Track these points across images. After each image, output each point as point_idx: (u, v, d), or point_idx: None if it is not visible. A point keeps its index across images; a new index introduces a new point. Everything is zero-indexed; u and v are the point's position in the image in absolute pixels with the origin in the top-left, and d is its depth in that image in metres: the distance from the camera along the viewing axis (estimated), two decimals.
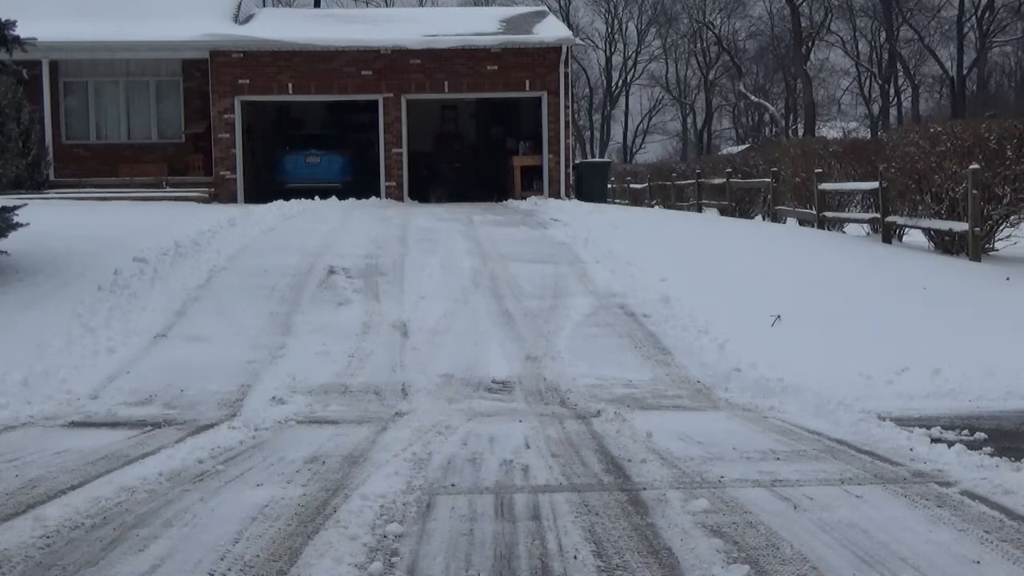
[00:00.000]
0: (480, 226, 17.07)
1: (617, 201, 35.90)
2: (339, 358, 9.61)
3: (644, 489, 5.41)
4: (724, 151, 58.65)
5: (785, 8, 59.71)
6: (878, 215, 17.38)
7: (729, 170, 27.33)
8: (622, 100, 71.83)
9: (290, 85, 23.43)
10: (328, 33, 24.35)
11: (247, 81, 23.25)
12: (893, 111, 60.21)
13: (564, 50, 23.89)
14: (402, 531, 4.65)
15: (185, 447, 6.48)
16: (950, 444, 6.32)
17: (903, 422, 7.17)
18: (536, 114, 24.51)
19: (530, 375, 9.22)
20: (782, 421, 7.46)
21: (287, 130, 26.62)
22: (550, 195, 23.41)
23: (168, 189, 22.32)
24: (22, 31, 12.33)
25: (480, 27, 25.26)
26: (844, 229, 20.26)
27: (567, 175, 24.08)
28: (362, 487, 5.42)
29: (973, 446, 6.35)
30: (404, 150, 23.74)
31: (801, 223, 20.97)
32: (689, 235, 16.33)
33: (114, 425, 7.38)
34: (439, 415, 7.66)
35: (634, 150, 72.06)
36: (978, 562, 4.27)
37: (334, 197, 20.58)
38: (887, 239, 17.26)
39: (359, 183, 23.47)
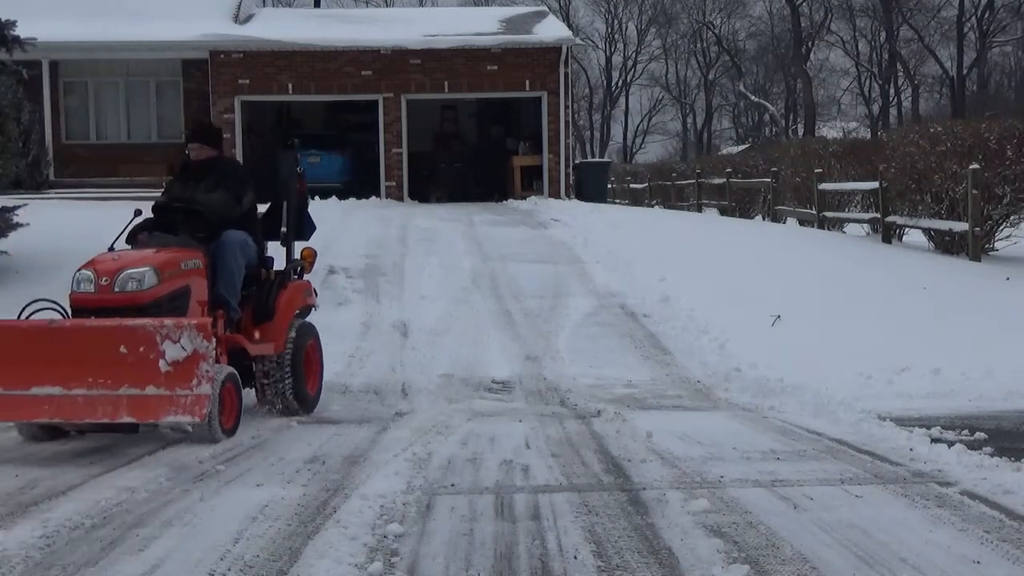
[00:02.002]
0: (480, 226, 17.08)
1: (617, 201, 35.90)
2: (339, 358, 9.61)
3: (644, 489, 5.41)
4: (724, 151, 58.65)
5: (785, 8, 59.72)
6: (878, 215, 17.39)
7: (729, 170, 27.34)
8: (622, 100, 71.83)
9: (290, 85, 23.43)
10: (328, 33, 24.35)
11: (247, 81, 23.25)
12: (893, 111, 60.21)
13: (564, 50, 23.89)
14: (402, 531, 4.65)
15: (186, 446, 6.47)
16: (950, 444, 6.32)
17: (903, 422, 7.17)
18: (536, 114, 24.51)
19: (530, 375, 9.22)
20: (782, 421, 7.46)
21: (287, 130, 26.62)
22: (550, 195, 23.41)
23: None
24: (22, 31, 12.34)
25: (480, 27, 25.26)
26: (844, 229, 20.26)
27: (567, 175, 24.08)
28: (362, 487, 5.42)
29: (973, 446, 6.35)
30: (404, 150, 23.74)
31: (801, 223, 20.98)
32: (689, 235, 16.34)
33: None
34: (439, 415, 7.67)
35: (634, 150, 72.05)
36: (978, 562, 4.27)
37: (334, 197, 20.57)
38: (887, 239, 17.26)
39: (359, 183, 23.47)
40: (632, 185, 39.55)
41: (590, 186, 24.42)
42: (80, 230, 14.40)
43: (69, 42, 21.97)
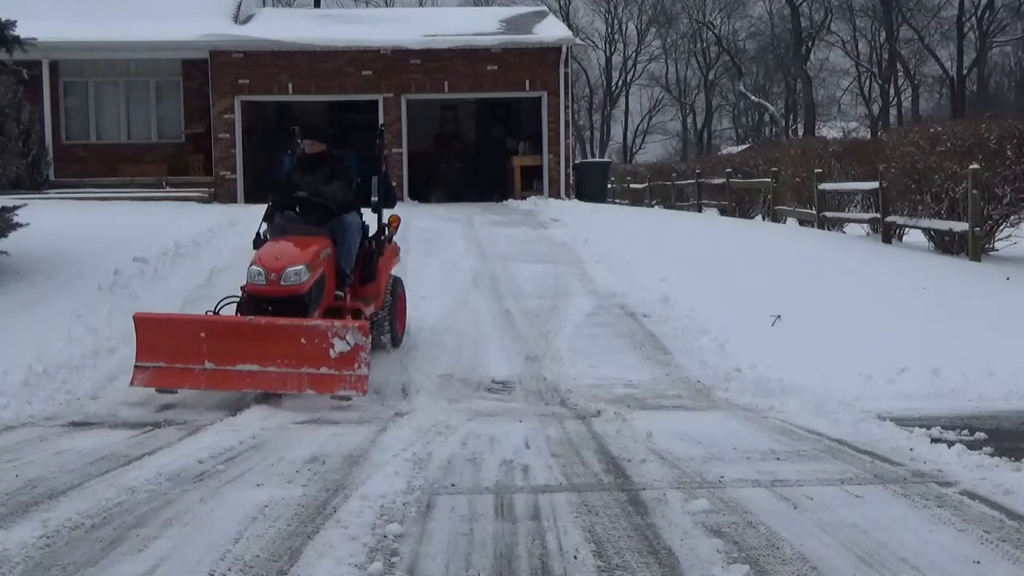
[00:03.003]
0: (480, 226, 17.08)
1: (617, 201, 35.90)
2: None
3: (644, 489, 5.41)
4: (724, 151, 58.65)
5: (785, 8, 59.79)
6: (878, 215, 17.39)
7: (729, 170, 27.33)
8: (622, 100, 71.89)
9: (290, 85, 23.43)
10: (328, 33, 24.34)
11: (247, 81, 23.25)
12: (893, 111, 60.22)
13: (564, 50, 23.88)
14: (402, 531, 4.65)
15: (185, 447, 6.48)
16: (950, 444, 6.32)
17: (903, 422, 7.16)
18: (536, 114, 24.49)
19: (530, 375, 9.21)
20: (782, 421, 7.46)
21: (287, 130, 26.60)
22: (550, 195, 23.41)
23: (168, 189, 22.32)
24: (22, 31, 12.31)
25: (480, 27, 25.26)
26: (844, 229, 20.26)
27: (567, 175, 24.07)
28: (362, 487, 5.42)
29: (973, 446, 6.35)
30: (404, 150, 23.73)
31: (801, 223, 20.97)
32: (689, 235, 16.34)
33: (114, 425, 7.39)
34: (439, 415, 7.66)
35: (634, 150, 72.09)
36: (978, 562, 4.27)
37: None
38: (887, 239, 17.26)
39: None
40: (632, 185, 39.54)
41: (590, 186, 24.41)
42: (80, 230, 14.42)
43: (69, 42, 21.96)
